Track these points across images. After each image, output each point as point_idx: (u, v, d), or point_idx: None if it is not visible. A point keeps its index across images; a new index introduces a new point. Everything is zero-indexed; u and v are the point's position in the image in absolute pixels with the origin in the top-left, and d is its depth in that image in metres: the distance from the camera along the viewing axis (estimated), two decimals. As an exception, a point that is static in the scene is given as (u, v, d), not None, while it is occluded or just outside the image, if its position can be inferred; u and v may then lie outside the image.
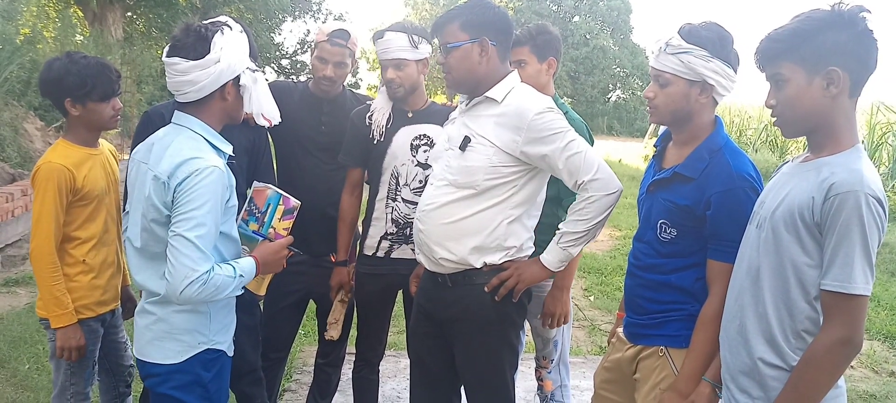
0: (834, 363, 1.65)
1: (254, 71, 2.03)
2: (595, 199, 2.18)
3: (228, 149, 2.04)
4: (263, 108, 2.06)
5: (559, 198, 2.75)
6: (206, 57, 1.91)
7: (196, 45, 1.91)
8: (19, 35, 10.16)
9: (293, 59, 22.15)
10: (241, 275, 1.96)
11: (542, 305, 2.91)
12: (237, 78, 1.98)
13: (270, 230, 2.24)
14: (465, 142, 2.28)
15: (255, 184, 2.33)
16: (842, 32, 1.64)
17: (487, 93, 2.27)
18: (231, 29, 1.98)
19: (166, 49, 1.97)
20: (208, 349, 2.05)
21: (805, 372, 1.67)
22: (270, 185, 2.30)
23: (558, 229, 2.27)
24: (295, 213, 2.29)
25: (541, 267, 2.28)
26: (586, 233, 2.23)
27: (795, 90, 1.69)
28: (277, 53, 21.74)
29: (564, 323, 2.85)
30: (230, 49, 1.94)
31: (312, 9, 22.15)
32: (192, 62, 1.90)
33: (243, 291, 2.04)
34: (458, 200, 2.27)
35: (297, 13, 21.92)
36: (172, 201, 1.86)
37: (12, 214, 6.56)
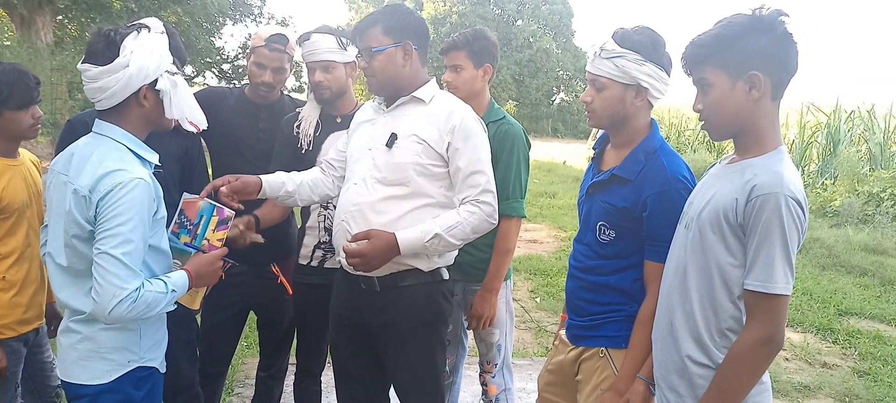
0: (756, 361, 1.69)
1: (173, 74, 1.94)
2: (477, 217, 2.21)
3: (154, 158, 1.96)
4: (186, 113, 1.96)
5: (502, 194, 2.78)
6: (115, 62, 1.82)
7: (105, 51, 1.83)
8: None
9: (234, 63, 21.70)
10: (174, 290, 1.89)
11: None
12: (155, 82, 1.90)
13: (204, 241, 2.17)
14: (391, 139, 2.26)
15: (185, 195, 2.25)
16: (762, 37, 1.68)
17: (415, 94, 2.29)
18: (149, 30, 1.90)
19: (84, 56, 1.89)
20: (139, 367, 1.96)
21: (728, 371, 1.71)
22: (202, 197, 2.22)
23: (433, 223, 2.19)
24: (229, 224, 2.22)
25: (395, 245, 2.18)
26: (449, 245, 2.21)
27: (719, 94, 1.74)
28: (218, 58, 21.26)
29: (490, 325, 2.86)
30: (142, 52, 1.85)
31: (253, 13, 21.76)
32: (101, 68, 1.83)
33: (176, 306, 1.96)
34: (389, 198, 2.24)
35: (237, 17, 21.50)
36: (95, 217, 1.78)
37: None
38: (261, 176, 2.40)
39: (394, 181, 2.24)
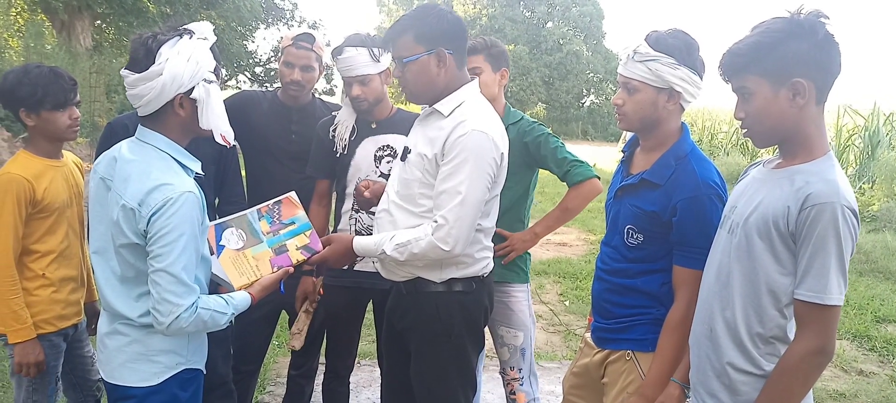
0: (807, 372, 1.66)
1: (210, 83, 1.91)
2: (427, 242, 2.08)
3: (196, 166, 1.96)
4: (215, 124, 1.93)
5: (520, 207, 2.79)
6: (150, 69, 1.81)
7: (142, 58, 1.82)
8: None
9: (267, 67, 21.97)
10: (234, 311, 1.94)
11: (507, 312, 2.91)
12: (191, 90, 1.87)
13: (279, 244, 2.19)
14: (404, 153, 2.26)
15: (292, 195, 2.31)
16: (803, 42, 1.63)
17: (436, 106, 2.20)
18: (191, 36, 1.88)
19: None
20: (185, 369, 1.99)
21: (779, 382, 1.68)
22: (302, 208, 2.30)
23: (390, 236, 2.16)
24: (311, 257, 2.24)
25: (350, 249, 2.24)
26: (401, 258, 2.14)
27: (762, 103, 1.69)
28: (251, 61, 21.54)
29: (517, 255, 2.88)
30: (177, 61, 1.82)
31: (285, 16, 22.01)
32: (137, 75, 1.82)
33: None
34: (401, 208, 2.23)
35: (270, 20, 21.77)
36: (146, 232, 1.79)
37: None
38: None
39: (405, 196, 2.22)
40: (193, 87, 1.87)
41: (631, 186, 2.09)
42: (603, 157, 17.63)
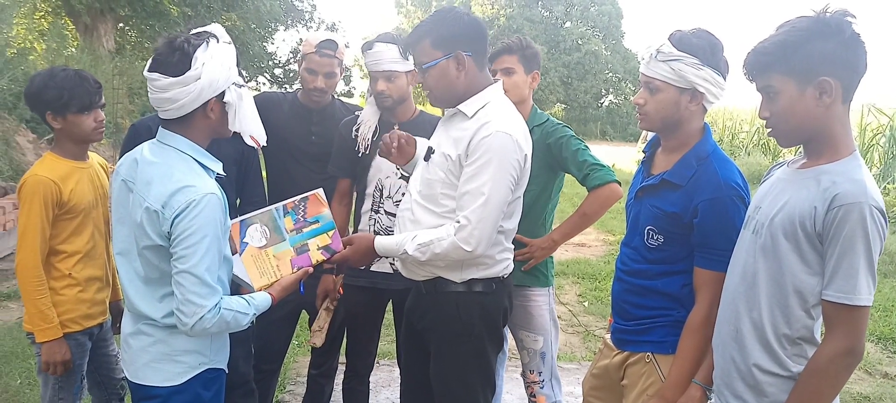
0: (837, 373, 1.64)
1: (240, 87, 1.94)
2: (449, 242, 2.09)
3: (217, 167, 1.98)
4: (248, 127, 1.96)
5: (541, 209, 2.77)
6: (187, 73, 1.81)
7: (177, 62, 1.82)
8: (10, 48, 10.12)
9: (286, 68, 22.13)
10: (256, 311, 1.96)
11: (526, 316, 2.90)
12: (222, 94, 1.90)
13: (301, 244, 2.21)
14: (428, 153, 2.26)
15: (320, 192, 2.32)
16: (829, 41, 1.62)
17: (460, 107, 2.20)
18: (218, 41, 1.90)
19: (148, 63, 1.89)
20: (208, 368, 2.01)
21: (808, 384, 1.67)
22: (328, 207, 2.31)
23: (412, 236, 2.18)
24: (331, 257, 2.27)
25: (372, 248, 2.27)
26: (422, 258, 2.15)
27: (788, 102, 1.68)
28: (270, 62, 21.70)
29: (537, 262, 2.85)
30: (213, 65, 1.85)
31: (304, 18, 22.14)
32: (172, 79, 1.82)
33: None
34: (426, 210, 2.24)
35: (289, 22, 21.91)
36: (169, 234, 1.81)
37: (4, 228, 6.54)
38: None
39: (427, 196, 2.23)
40: (224, 91, 1.90)
41: (651, 187, 2.08)
42: (622, 157, 17.53)
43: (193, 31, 1.90)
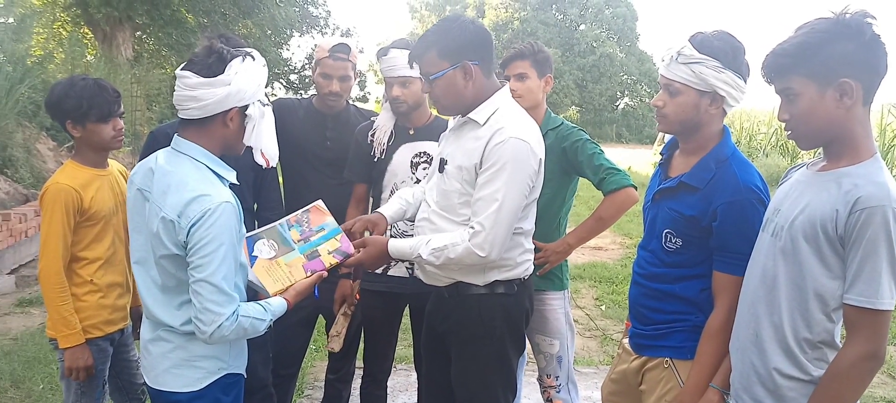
0: (859, 378, 1.63)
1: (264, 105, 1.98)
2: (463, 247, 2.10)
3: (231, 176, 1.99)
4: (263, 145, 1.98)
5: (555, 213, 2.77)
6: (218, 77, 1.86)
7: (212, 64, 1.86)
8: (30, 56, 10.27)
9: (301, 74, 22.26)
10: (273, 316, 1.98)
11: (542, 320, 2.89)
12: (245, 107, 1.93)
13: (311, 250, 2.22)
14: (441, 164, 2.27)
15: (320, 203, 2.34)
16: (849, 42, 1.60)
17: (470, 115, 2.20)
18: (254, 59, 1.94)
19: (184, 63, 1.94)
20: (227, 374, 2.03)
21: (830, 388, 1.65)
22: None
23: (427, 240, 2.19)
24: (345, 260, 2.27)
25: (386, 251, 2.26)
26: (436, 262, 2.17)
27: (808, 104, 1.66)
28: (285, 69, 21.84)
29: (552, 266, 2.84)
30: (245, 76, 1.89)
31: (319, 24, 22.26)
32: (202, 79, 1.85)
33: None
34: (444, 219, 2.25)
35: (304, 28, 22.03)
36: (186, 243, 1.83)
37: (26, 234, 6.63)
38: (384, 212, 2.45)
39: (444, 206, 2.25)
40: (247, 105, 1.93)
41: (669, 190, 2.06)
42: (638, 160, 17.44)
43: (237, 49, 1.95)
